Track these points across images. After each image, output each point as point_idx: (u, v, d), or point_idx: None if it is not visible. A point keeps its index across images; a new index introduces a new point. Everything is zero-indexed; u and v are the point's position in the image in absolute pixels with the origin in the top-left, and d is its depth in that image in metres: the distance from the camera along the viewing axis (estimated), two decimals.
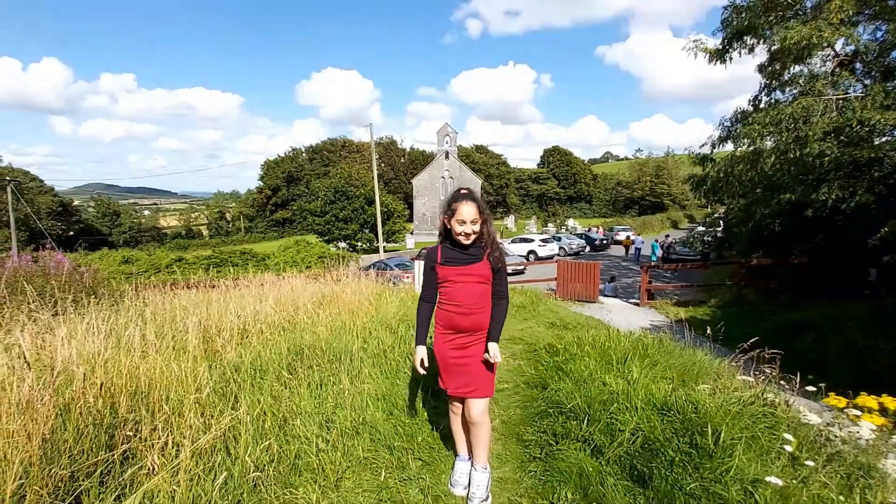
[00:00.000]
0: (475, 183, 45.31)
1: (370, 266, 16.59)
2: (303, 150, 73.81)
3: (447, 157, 46.94)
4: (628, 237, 29.52)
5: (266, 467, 2.06)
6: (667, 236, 17.97)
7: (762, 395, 2.68)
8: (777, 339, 6.22)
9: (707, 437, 2.24)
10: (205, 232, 79.79)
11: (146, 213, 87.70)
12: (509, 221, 54.32)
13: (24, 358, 2.02)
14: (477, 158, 65.86)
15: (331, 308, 5.58)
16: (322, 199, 38.73)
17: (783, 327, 8.76)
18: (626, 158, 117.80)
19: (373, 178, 28.51)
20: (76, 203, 65.80)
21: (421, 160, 66.81)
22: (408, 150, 74.08)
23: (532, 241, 26.81)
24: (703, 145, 12.05)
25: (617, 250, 30.78)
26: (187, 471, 1.92)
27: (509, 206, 65.79)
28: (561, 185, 70.39)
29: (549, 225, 52.46)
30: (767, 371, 3.52)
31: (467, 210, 2.12)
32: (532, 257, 25.25)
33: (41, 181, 55.12)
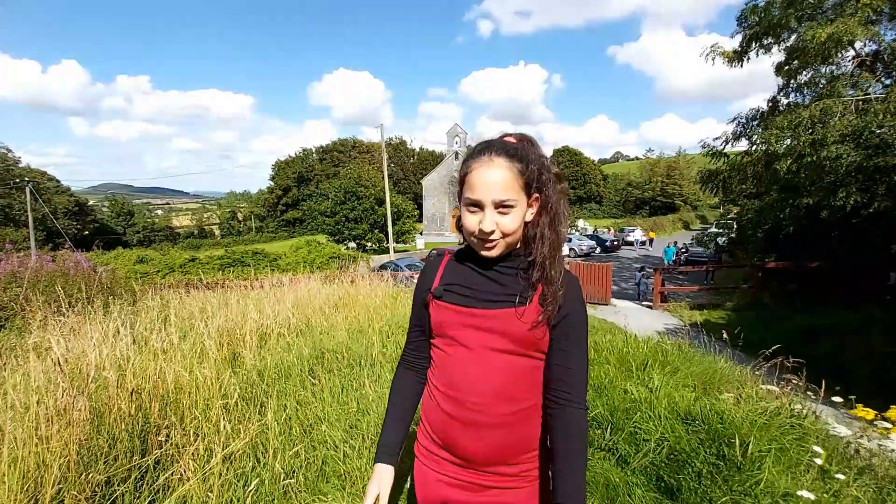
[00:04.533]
0: None
1: (383, 266, 16.65)
2: (313, 150, 74.34)
3: (457, 157, 46.95)
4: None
5: (295, 473, 2.09)
6: (675, 242, 17.62)
7: (789, 405, 2.64)
8: (795, 344, 6.15)
9: (735, 448, 2.22)
10: (217, 231, 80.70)
11: (159, 212, 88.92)
12: None
13: (59, 364, 2.06)
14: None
15: (347, 310, 5.62)
16: (332, 200, 38.97)
17: (801, 332, 8.65)
18: (637, 158, 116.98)
19: (383, 178, 28.63)
20: (91, 203, 66.86)
21: (430, 160, 66.94)
22: (417, 150, 74.25)
23: None
24: (716, 139, 11.93)
25: (628, 251, 30.59)
26: (219, 476, 1.95)
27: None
28: (570, 185, 69.61)
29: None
30: (790, 379, 3.49)
31: (491, 176, 0.95)
32: None
33: (58, 181, 56.10)
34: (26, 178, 35.18)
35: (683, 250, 16.52)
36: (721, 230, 20.93)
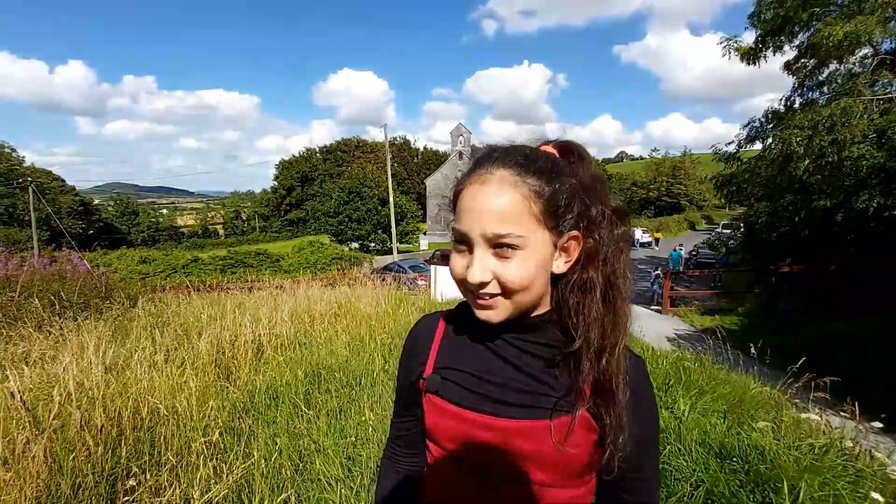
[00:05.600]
0: None
1: (384, 268, 16.40)
2: (317, 150, 74.27)
3: (461, 157, 46.71)
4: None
5: None
6: (680, 245, 17.14)
7: (840, 442, 2.37)
8: (813, 353, 5.86)
9: (784, 495, 1.95)
10: (221, 231, 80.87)
11: (164, 212, 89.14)
12: None
13: (21, 400, 1.82)
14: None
15: (348, 319, 5.38)
16: (336, 200, 38.81)
17: (818, 340, 8.34)
18: (642, 158, 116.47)
19: (386, 178, 28.41)
20: (97, 202, 67.11)
21: (434, 160, 66.75)
22: (421, 150, 74.08)
23: None
24: (729, 143, 11.63)
25: (639, 252, 30.23)
26: None
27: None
28: None
29: None
30: (822, 396, 3.22)
31: (483, 197, 0.60)
32: None
33: (63, 181, 56.28)
34: (29, 178, 35.17)
35: (694, 253, 16.12)
36: (730, 231, 20.60)
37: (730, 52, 10.91)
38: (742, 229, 14.31)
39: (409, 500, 0.78)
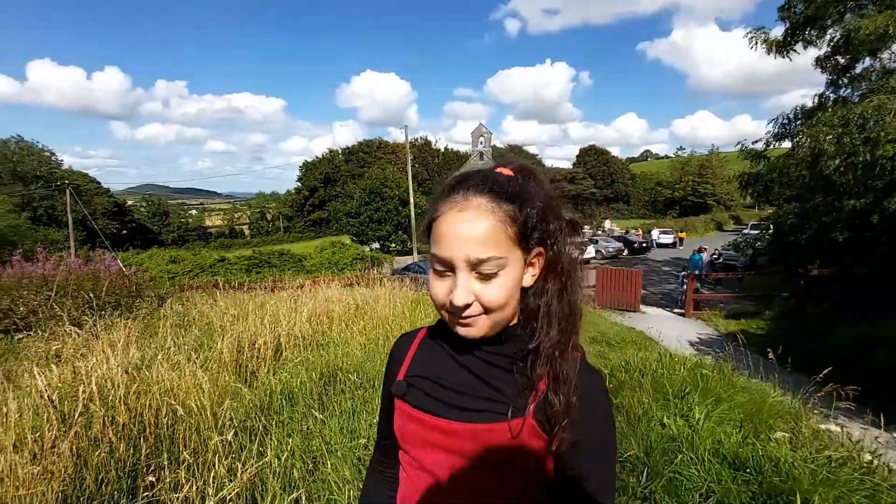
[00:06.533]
0: None
1: (404, 269, 16.51)
2: (339, 151, 75.19)
3: (481, 157, 46.61)
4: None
5: None
6: (701, 249, 16.32)
7: (858, 454, 2.30)
8: (842, 359, 5.65)
9: None
10: (246, 231, 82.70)
11: (193, 212, 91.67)
12: None
13: (49, 398, 1.93)
14: (511, 158, 65.03)
15: (365, 321, 5.46)
16: (357, 201, 39.23)
17: (849, 343, 8.03)
18: (667, 157, 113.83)
19: (407, 179, 28.58)
20: (130, 203, 69.50)
21: (455, 160, 66.78)
22: (442, 150, 74.19)
23: None
24: (756, 141, 11.28)
25: (659, 253, 29.60)
26: None
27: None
28: (597, 185, 68.68)
29: (586, 227, 51.24)
30: (846, 405, 3.12)
31: (464, 224, 0.64)
32: None
33: (98, 183, 58.52)
34: (67, 181, 36.74)
35: (715, 256, 15.51)
36: (758, 232, 19.96)
37: (757, 45, 10.59)
38: (770, 230, 13.84)
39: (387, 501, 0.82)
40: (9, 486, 1.75)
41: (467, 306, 0.65)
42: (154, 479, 1.93)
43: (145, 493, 1.88)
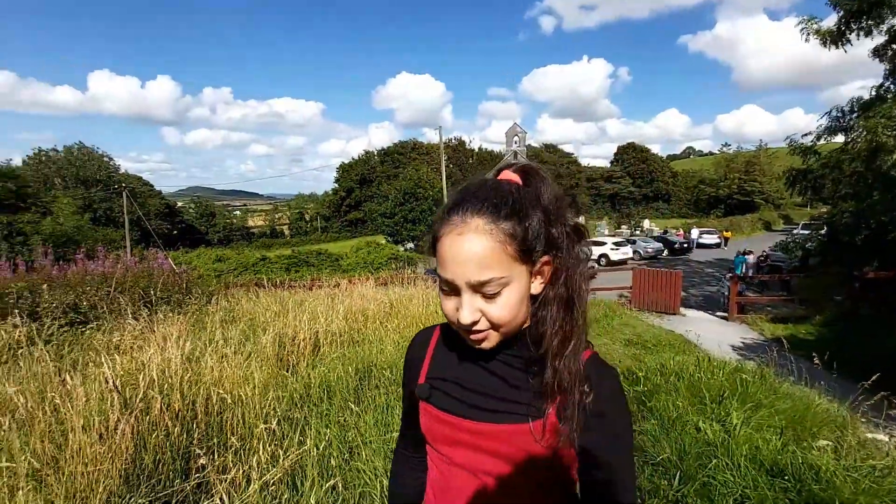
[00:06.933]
0: None
1: (435, 270, 16.60)
2: (375, 152, 76.44)
3: (515, 157, 46.24)
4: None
5: None
6: (745, 251, 15.31)
7: None
8: None
9: None
10: (286, 231, 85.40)
11: (237, 213, 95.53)
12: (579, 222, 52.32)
13: (114, 384, 2.12)
14: (546, 158, 64.31)
15: (398, 319, 5.59)
16: (392, 201, 39.82)
17: None
18: (711, 154, 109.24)
19: (441, 179, 28.75)
20: (180, 205, 73.23)
21: (489, 160, 66.61)
22: (476, 150, 74.14)
23: (604, 243, 25.43)
24: (805, 135, 10.70)
25: (702, 254, 28.47)
26: None
27: (579, 207, 63.32)
28: (636, 183, 66.75)
29: (623, 227, 49.88)
30: None
31: (464, 248, 0.65)
32: (603, 261, 24.04)
33: (151, 186, 62.05)
34: (124, 184, 39.17)
35: (762, 258, 14.68)
36: (809, 232, 18.87)
37: (808, 35, 10.06)
38: (823, 230, 13.07)
39: (417, 489, 0.88)
40: (79, 462, 1.94)
41: (475, 323, 0.67)
42: (204, 462, 2.08)
43: (196, 475, 2.04)
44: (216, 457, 2.11)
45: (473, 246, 0.64)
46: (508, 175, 0.73)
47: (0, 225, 17.20)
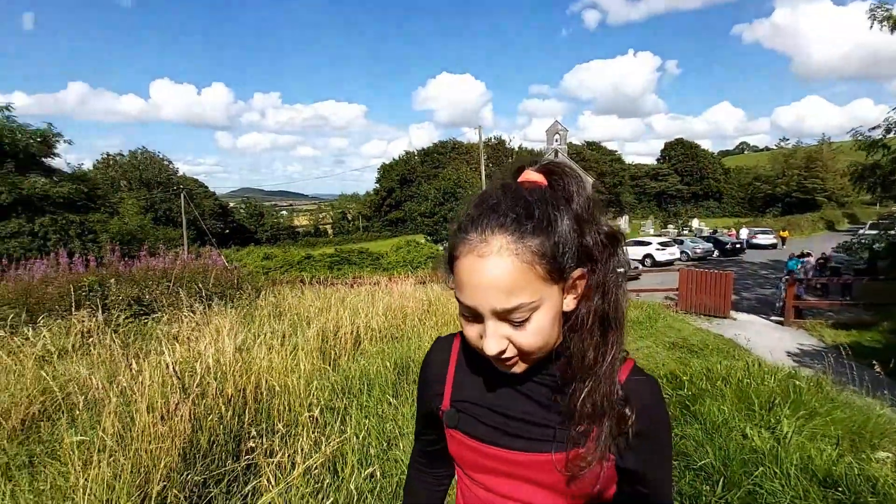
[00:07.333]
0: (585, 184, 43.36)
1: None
2: (415, 153, 77.32)
3: (556, 155, 45.51)
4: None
5: (368, 497, 2.09)
6: (802, 253, 14.03)
7: None
8: None
9: None
10: (329, 230, 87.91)
11: (284, 213, 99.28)
12: (623, 222, 50.84)
13: (174, 370, 2.30)
14: (588, 156, 62.80)
15: (437, 317, 5.67)
16: (431, 201, 40.17)
17: None
18: (767, 149, 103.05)
19: (480, 179, 28.72)
20: (231, 205, 76.95)
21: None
22: (516, 149, 73.43)
23: (649, 244, 24.49)
24: (874, 128, 9.92)
25: (756, 255, 26.92)
26: (297, 489, 2.02)
27: (623, 206, 61.60)
28: (684, 181, 63.97)
29: (669, 226, 47.96)
30: None
31: (485, 273, 0.56)
32: (648, 262, 23.19)
33: (206, 187, 65.60)
34: (181, 186, 41.64)
35: (822, 260, 13.61)
36: (877, 232, 17.46)
37: (878, 23, 9.34)
38: (893, 230, 12.08)
39: (434, 493, 0.86)
40: (143, 440, 2.12)
41: (502, 352, 0.60)
42: (254, 445, 2.22)
43: (246, 456, 2.18)
44: (264, 441, 2.24)
45: (497, 270, 0.55)
46: (530, 176, 0.64)
47: (74, 224, 18.69)
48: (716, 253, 27.02)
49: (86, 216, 19.31)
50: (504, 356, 0.60)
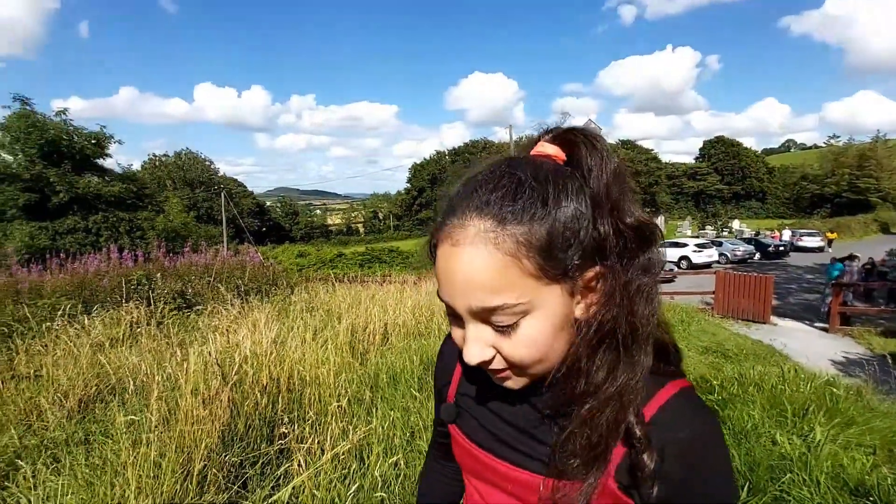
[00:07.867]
0: None
1: None
2: (446, 152, 77.63)
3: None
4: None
5: (392, 483, 2.18)
6: (849, 258, 12.90)
7: None
8: None
9: None
10: (361, 229, 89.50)
11: (317, 212, 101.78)
12: (658, 222, 49.26)
13: (215, 358, 2.47)
14: (623, 154, 61.03)
15: None
16: None
17: None
18: (816, 147, 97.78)
19: None
20: (268, 204, 79.55)
21: None
22: None
23: (685, 245, 23.71)
24: None
25: (801, 258, 25.64)
26: (326, 473, 2.13)
27: (659, 206, 59.84)
28: (724, 180, 61.57)
29: (707, 227, 46.26)
30: None
31: (457, 265, 0.46)
32: (684, 264, 22.49)
33: (245, 187, 68.15)
34: (222, 185, 43.38)
35: (868, 266, 12.64)
36: None
37: None
38: None
39: (447, 498, 0.80)
40: (187, 422, 2.29)
41: (486, 362, 0.49)
42: (286, 431, 2.36)
43: (279, 441, 2.32)
44: (296, 427, 2.38)
45: (472, 261, 0.45)
46: (544, 148, 0.52)
47: (123, 221, 19.87)
48: (757, 256, 25.95)
49: (134, 214, 20.47)
50: (491, 367, 0.50)
